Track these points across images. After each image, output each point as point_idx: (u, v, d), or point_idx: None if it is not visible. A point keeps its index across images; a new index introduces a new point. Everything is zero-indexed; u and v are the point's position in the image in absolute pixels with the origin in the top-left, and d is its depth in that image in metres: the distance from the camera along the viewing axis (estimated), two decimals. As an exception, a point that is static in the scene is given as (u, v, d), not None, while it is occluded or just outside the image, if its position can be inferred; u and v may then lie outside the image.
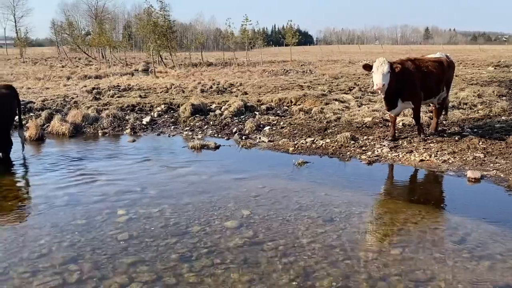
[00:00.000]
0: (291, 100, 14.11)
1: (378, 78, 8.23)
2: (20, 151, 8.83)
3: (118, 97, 15.87)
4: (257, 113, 12.64)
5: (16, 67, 38.32)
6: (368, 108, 12.20)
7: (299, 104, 13.51)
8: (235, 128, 10.85)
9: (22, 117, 9.37)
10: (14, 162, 8.43)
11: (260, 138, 9.89)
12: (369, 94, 15.60)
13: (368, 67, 8.66)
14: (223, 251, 4.70)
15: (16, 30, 76.71)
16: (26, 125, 10.73)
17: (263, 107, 13.34)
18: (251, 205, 6.06)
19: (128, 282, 4.08)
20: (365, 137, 9.42)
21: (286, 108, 13.52)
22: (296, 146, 9.08)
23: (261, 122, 11.23)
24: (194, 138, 10.02)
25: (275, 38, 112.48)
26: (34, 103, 14.16)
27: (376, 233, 5.24)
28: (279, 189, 6.71)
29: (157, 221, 5.49)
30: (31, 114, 12.81)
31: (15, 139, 8.92)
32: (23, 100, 12.95)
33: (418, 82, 8.74)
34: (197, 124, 11.49)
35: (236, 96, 15.45)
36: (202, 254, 4.63)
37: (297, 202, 6.13)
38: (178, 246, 4.81)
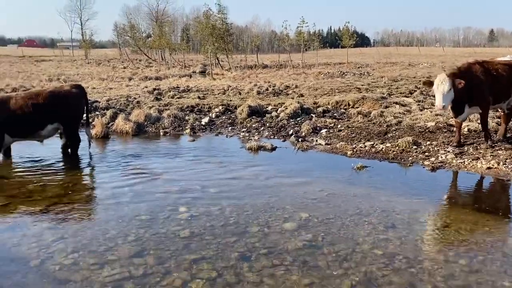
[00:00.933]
0: (348, 103, 13.91)
1: (439, 99, 7.94)
2: (86, 148, 9.27)
3: (178, 98, 16.32)
4: (313, 115, 12.56)
5: (82, 68, 40.40)
6: (431, 112, 11.78)
7: (357, 107, 13.29)
8: (291, 130, 10.84)
9: (89, 115, 9.83)
10: (81, 159, 8.87)
11: (316, 140, 9.82)
12: (432, 97, 15.05)
13: (429, 84, 8.35)
14: (282, 253, 4.71)
15: (82, 32, 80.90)
16: (93, 123, 11.26)
17: (320, 109, 13.24)
18: (309, 208, 6.03)
19: (190, 279, 4.17)
20: (428, 142, 9.10)
21: (344, 111, 13.34)
22: (355, 149, 8.93)
23: (318, 125, 11.14)
24: (251, 139, 10.11)
25: (330, 40, 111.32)
26: (99, 102, 14.84)
27: (442, 242, 5.05)
28: (337, 193, 6.63)
29: (217, 220, 5.59)
30: (97, 113, 13.43)
31: (82, 137, 9.36)
32: (89, 100, 13.60)
33: (487, 87, 8.33)
34: (253, 125, 11.60)
35: (292, 98, 15.42)
36: (262, 255, 4.65)
37: (356, 207, 6.03)
38: (237, 245, 4.87)
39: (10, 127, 8.24)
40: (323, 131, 10.62)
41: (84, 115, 9.36)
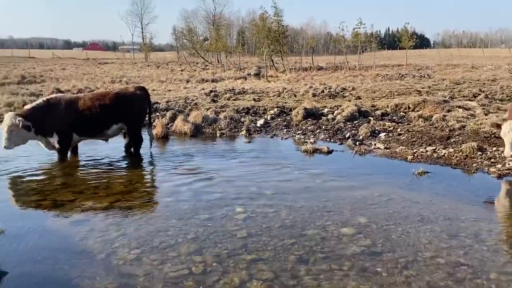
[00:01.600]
0: (408, 106, 13.50)
1: (508, 148, 7.30)
2: (148, 147, 9.60)
3: (234, 99, 16.54)
4: (371, 118, 12.30)
5: (142, 70, 41.88)
6: (497, 116, 11.20)
7: (418, 110, 12.88)
8: (348, 133, 10.68)
9: (151, 116, 10.16)
10: (143, 158, 9.20)
11: (375, 144, 9.61)
12: (497, 101, 14.33)
13: (496, 127, 7.72)
14: (340, 257, 4.64)
15: (143, 36, 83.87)
16: (154, 123, 11.63)
17: (378, 112, 12.95)
18: (367, 213, 5.90)
19: (248, 279, 4.21)
20: (494, 148, 8.66)
21: (403, 114, 12.96)
22: (415, 154, 8.65)
23: (376, 128, 10.90)
24: (306, 142, 10.06)
25: (388, 41, 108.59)
26: (159, 103, 15.32)
27: (509, 253, 4.78)
28: (397, 199, 6.45)
29: (274, 221, 5.60)
30: (157, 113, 13.87)
31: (144, 136, 9.69)
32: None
33: None
34: (309, 128, 11.53)
35: (349, 100, 15.20)
36: (319, 258, 4.61)
37: (418, 213, 5.84)
38: (295, 248, 4.85)
39: (78, 127, 8.68)
40: (382, 134, 10.38)
41: (147, 116, 9.68)
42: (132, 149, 9.41)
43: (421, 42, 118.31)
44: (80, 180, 7.60)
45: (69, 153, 9.01)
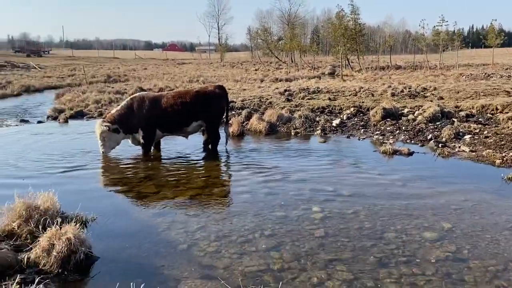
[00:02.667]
0: (496, 107, 12.64)
1: None
2: (224, 144, 9.83)
3: (308, 99, 16.46)
4: (455, 119, 11.68)
5: (218, 70, 42.99)
6: None
7: (507, 112, 12.01)
8: (430, 135, 10.21)
9: (228, 114, 10.38)
10: (220, 155, 9.43)
11: (459, 147, 9.11)
12: None
13: None
14: (422, 262, 4.46)
15: (219, 37, 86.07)
16: (230, 121, 11.88)
17: (462, 113, 12.27)
18: (452, 218, 5.62)
19: (327, 278, 4.17)
20: None
21: (490, 115, 12.17)
22: (505, 159, 8.09)
23: (460, 130, 10.33)
24: (385, 143, 9.76)
25: (472, 40, 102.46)
26: (235, 102, 15.62)
27: None
28: (484, 204, 6.07)
29: (352, 223, 5.51)
30: (233, 112, 14.15)
31: (221, 134, 9.92)
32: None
33: None
34: (388, 128, 11.18)
35: (431, 101, 14.54)
36: (400, 262, 4.46)
37: (508, 221, 5.46)
38: (374, 250, 4.73)
39: (161, 123, 9.09)
40: (467, 137, 9.81)
41: (224, 114, 9.91)
42: (210, 146, 9.68)
43: (510, 40, 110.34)
44: (162, 174, 7.96)
45: (152, 149, 9.45)
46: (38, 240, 4.48)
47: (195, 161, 8.89)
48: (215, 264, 4.49)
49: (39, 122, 14.36)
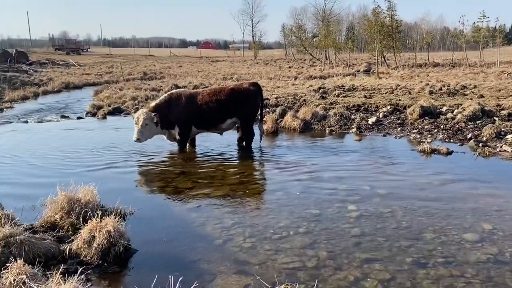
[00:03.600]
0: (541, 106, 12.14)
1: None
2: (258, 141, 9.85)
3: (343, 96, 16.28)
4: (496, 118, 11.27)
5: (251, 67, 43.09)
6: None
7: (552, 111, 11.52)
8: (470, 134, 9.92)
9: (263, 112, 10.38)
10: (254, 152, 9.46)
11: (501, 146, 8.81)
12: None
13: None
14: (462, 264, 4.35)
15: (253, 34, 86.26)
16: (264, 119, 11.89)
17: (504, 112, 11.82)
18: (493, 219, 5.45)
19: (363, 277, 4.13)
20: None
21: (535, 115, 11.68)
22: (550, 159, 7.77)
23: (502, 129, 9.96)
24: (423, 142, 9.55)
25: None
26: (269, 100, 15.62)
27: None
28: (529, 206, 5.85)
29: (388, 222, 5.42)
30: (267, 109, 14.15)
31: (255, 131, 9.94)
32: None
33: None
34: (425, 127, 10.93)
35: (471, 99, 14.11)
36: (439, 263, 4.36)
37: (554, 224, 5.25)
38: (411, 250, 4.65)
39: (196, 120, 9.20)
40: (509, 136, 9.46)
41: (259, 111, 9.92)
42: (244, 142, 9.72)
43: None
44: (197, 170, 8.06)
45: (187, 145, 9.58)
46: (80, 232, 4.63)
47: (230, 158, 8.95)
48: (250, 260, 4.52)
49: (79, 118, 14.79)
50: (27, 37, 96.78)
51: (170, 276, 3.58)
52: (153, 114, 8.84)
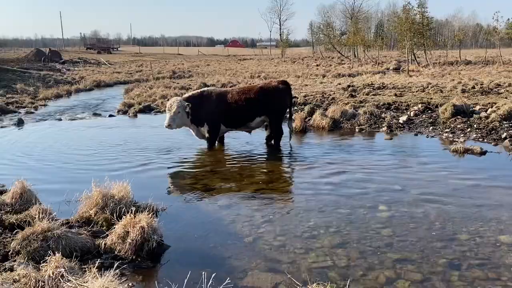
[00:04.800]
0: None
1: None
2: (287, 140, 9.85)
3: (373, 95, 16.07)
4: (533, 118, 10.92)
5: (279, 65, 42.98)
6: None
7: None
8: (505, 133, 9.64)
9: (292, 110, 10.35)
10: (283, 150, 9.46)
11: (538, 146, 8.54)
12: None
13: None
14: (498, 266, 4.25)
15: (280, 32, 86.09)
16: (292, 117, 11.86)
17: (541, 111, 11.44)
18: (531, 221, 5.30)
19: (395, 278, 4.08)
20: None
21: None
22: None
23: (539, 129, 9.67)
24: (455, 141, 9.35)
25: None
26: (297, 98, 15.57)
27: None
28: None
29: (421, 223, 5.34)
30: (295, 108, 14.11)
31: (284, 129, 9.93)
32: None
33: None
34: (458, 126, 10.69)
35: (505, 97, 13.71)
36: (473, 265, 4.28)
37: None
38: (445, 252, 4.57)
39: (226, 118, 9.26)
40: (546, 136, 9.18)
41: (288, 109, 9.90)
42: (272, 141, 9.73)
43: None
44: (226, 168, 8.12)
45: (216, 143, 9.65)
46: (114, 227, 4.74)
47: (259, 156, 8.97)
48: (280, 258, 4.53)
49: (110, 116, 15.10)
50: (59, 37, 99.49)
51: (203, 272, 3.64)
52: (186, 103, 8.93)
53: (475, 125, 10.57)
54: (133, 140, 10.58)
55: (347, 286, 3.74)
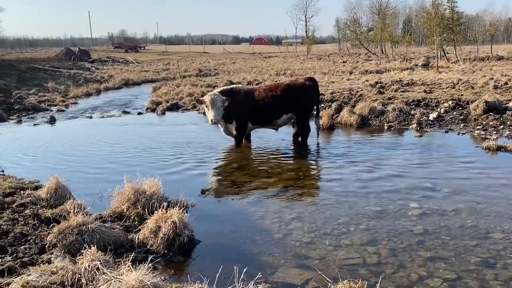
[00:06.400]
0: None
1: None
2: (315, 137, 9.81)
3: (402, 91, 15.82)
4: None
5: (305, 62, 42.75)
6: None
7: None
8: (540, 131, 9.37)
9: (319, 107, 10.30)
10: (310, 147, 9.43)
11: None
12: None
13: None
14: (534, 266, 4.15)
15: (306, 29, 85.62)
16: (320, 114, 11.80)
17: None
18: None
19: (427, 276, 4.03)
20: None
21: None
22: None
23: None
24: (488, 138, 9.13)
25: None
26: (324, 95, 15.46)
27: None
28: None
29: (453, 220, 5.25)
30: (322, 105, 14.02)
31: (311, 126, 9.91)
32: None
33: None
34: (490, 123, 10.43)
35: (540, 93, 13.30)
36: (509, 264, 4.19)
37: None
38: (478, 250, 4.48)
39: (253, 115, 9.28)
40: None
41: (315, 106, 9.86)
42: (299, 138, 9.70)
43: None
44: (254, 165, 8.15)
45: (243, 140, 9.68)
46: (146, 222, 4.83)
47: (286, 153, 8.97)
48: (310, 254, 4.54)
49: (139, 113, 15.35)
50: (88, 36, 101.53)
51: (235, 267, 3.67)
52: (225, 98, 8.87)
53: (508, 122, 10.30)
54: (161, 137, 10.74)
55: (378, 283, 3.70)
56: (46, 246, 4.61)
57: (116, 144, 10.05)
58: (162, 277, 3.90)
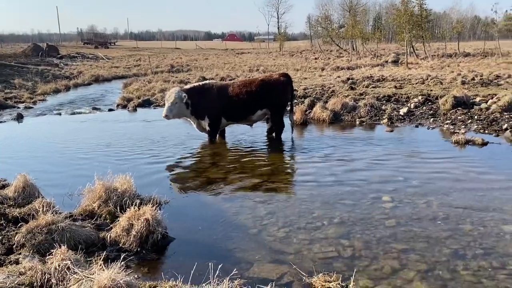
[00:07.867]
0: None
1: None
2: (289, 132, 9.83)
3: (373, 87, 16.04)
4: (533, 109, 10.93)
5: (277, 59, 42.86)
6: None
7: None
8: (506, 125, 9.65)
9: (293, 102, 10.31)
10: (284, 143, 9.44)
11: (539, 137, 8.55)
12: None
13: None
14: (502, 256, 4.26)
15: (278, 26, 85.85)
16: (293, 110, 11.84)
17: (542, 102, 11.44)
18: (533, 211, 5.31)
19: (400, 268, 4.09)
20: None
21: None
22: None
23: (540, 120, 9.67)
24: (457, 132, 9.35)
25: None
26: (297, 91, 15.52)
27: None
28: None
29: (424, 213, 5.34)
30: (295, 101, 14.05)
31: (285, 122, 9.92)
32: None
33: None
34: (459, 117, 10.69)
35: (506, 89, 13.70)
36: (478, 255, 4.29)
37: None
38: (449, 242, 4.58)
39: (227, 111, 9.23)
40: (548, 126, 9.19)
41: (289, 102, 9.87)
42: (273, 134, 9.71)
43: None
44: (228, 161, 8.10)
45: (217, 137, 9.62)
46: (118, 220, 4.73)
47: (260, 149, 8.96)
48: (285, 249, 4.54)
49: (110, 110, 15.06)
50: (56, 32, 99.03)
51: (210, 264, 3.63)
52: (184, 94, 8.87)
53: (475, 117, 10.58)
54: (133, 134, 10.56)
55: (353, 276, 3.73)
56: (14, 246, 4.46)
57: (86, 141, 9.83)
58: (135, 276, 3.83)
